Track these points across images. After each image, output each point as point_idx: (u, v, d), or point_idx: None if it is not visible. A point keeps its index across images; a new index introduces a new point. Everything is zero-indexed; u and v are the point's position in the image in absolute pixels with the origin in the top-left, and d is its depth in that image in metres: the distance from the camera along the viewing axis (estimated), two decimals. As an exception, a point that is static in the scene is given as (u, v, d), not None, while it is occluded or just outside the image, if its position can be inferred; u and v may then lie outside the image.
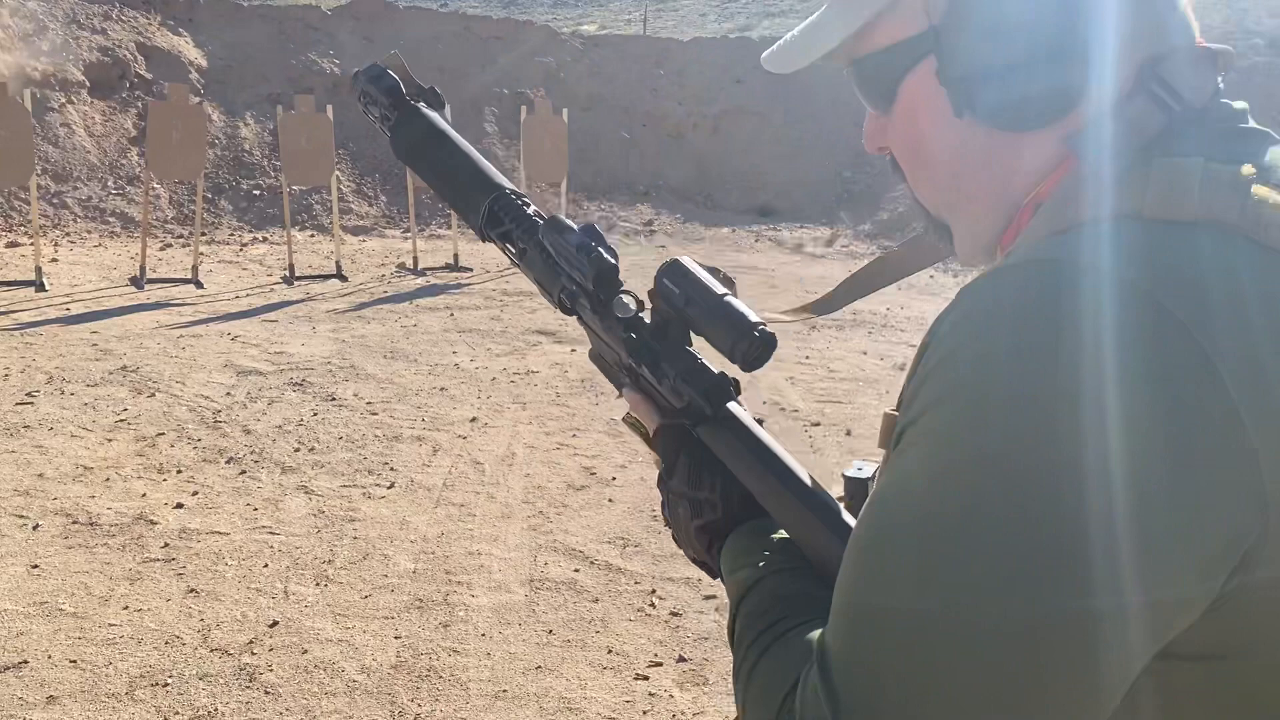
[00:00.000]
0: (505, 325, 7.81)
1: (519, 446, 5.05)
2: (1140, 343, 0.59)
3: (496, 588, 3.56)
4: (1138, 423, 0.57)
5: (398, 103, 1.19)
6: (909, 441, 0.65)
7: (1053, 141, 0.74)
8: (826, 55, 0.83)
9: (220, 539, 3.89)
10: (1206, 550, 0.59)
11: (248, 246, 11.45)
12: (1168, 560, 0.58)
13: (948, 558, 0.60)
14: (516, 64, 15.25)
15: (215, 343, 6.94)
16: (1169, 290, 0.60)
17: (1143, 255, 0.62)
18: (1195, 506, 0.58)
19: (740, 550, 0.87)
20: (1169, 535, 0.58)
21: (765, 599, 0.80)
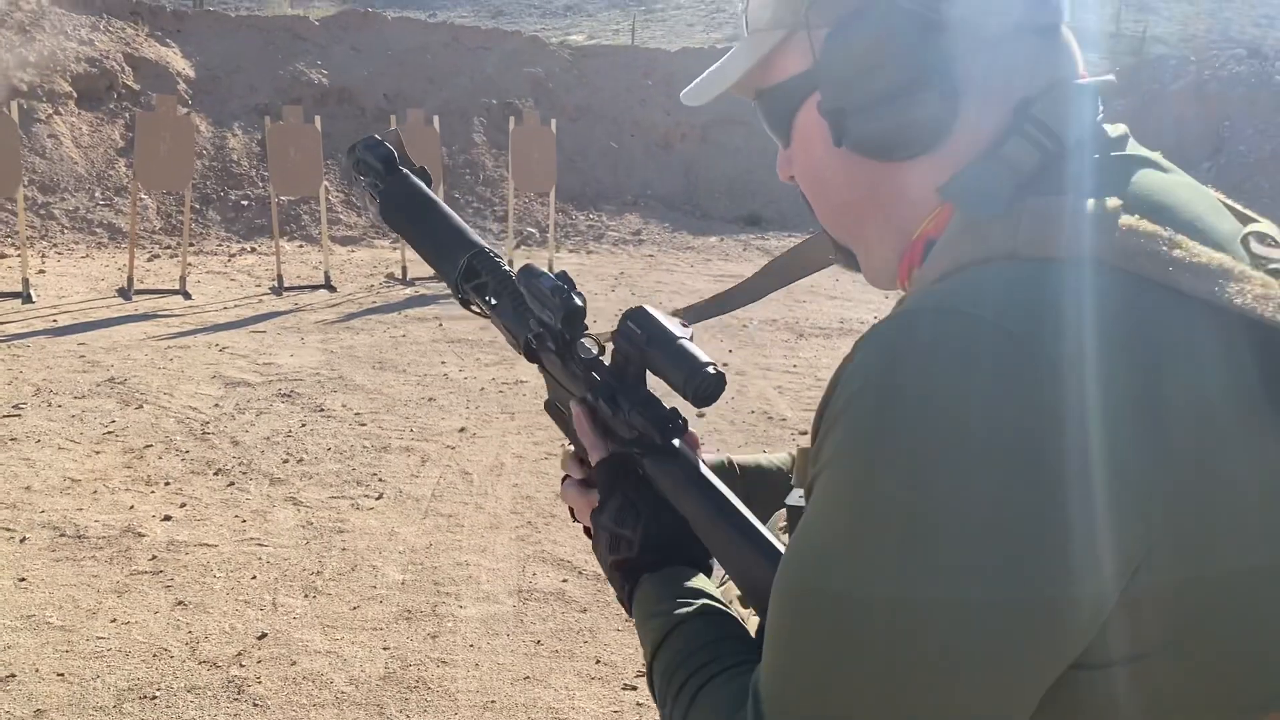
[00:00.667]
0: (494, 335, 7.79)
1: (507, 456, 5.06)
2: (1008, 382, 0.62)
3: (485, 598, 3.57)
4: (1009, 454, 0.61)
5: (389, 169, 1.26)
6: (819, 491, 0.68)
7: (932, 178, 0.78)
8: (734, 88, 0.89)
9: (208, 551, 3.89)
10: (1093, 553, 0.61)
11: (236, 257, 11.44)
12: (1056, 565, 0.61)
13: (859, 624, 0.64)
14: (504, 74, 15.29)
15: (203, 354, 6.93)
16: (1027, 323, 0.63)
17: (1012, 298, 0.65)
18: (1069, 512, 0.61)
19: (652, 598, 0.89)
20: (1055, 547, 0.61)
21: (684, 647, 0.82)
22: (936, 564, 0.61)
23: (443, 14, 35.17)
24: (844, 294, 10.02)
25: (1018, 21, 0.77)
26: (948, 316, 0.65)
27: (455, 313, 8.67)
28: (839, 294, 10.03)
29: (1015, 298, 0.65)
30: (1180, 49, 20.26)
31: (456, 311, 8.71)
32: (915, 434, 0.62)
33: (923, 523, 0.62)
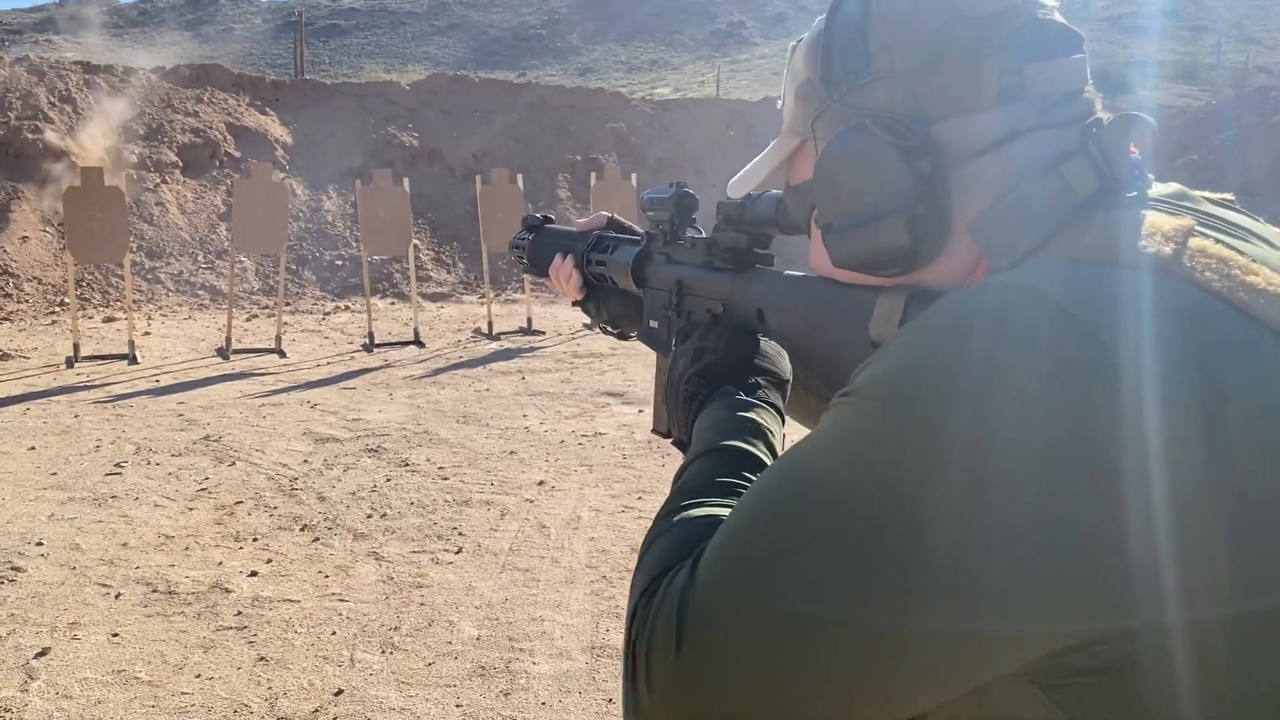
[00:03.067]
0: (575, 387, 7.89)
1: (584, 510, 5.07)
2: (1065, 365, 0.60)
3: (558, 655, 3.57)
4: (1056, 433, 0.59)
5: (531, 228, 1.53)
6: (836, 410, 0.69)
7: (960, 249, 0.78)
8: (764, 185, 0.94)
9: (291, 606, 3.97)
10: (1148, 570, 0.58)
11: (330, 315, 11.79)
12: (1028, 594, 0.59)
13: (817, 536, 0.64)
14: (588, 130, 15.56)
15: (295, 411, 7.13)
16: (1090, 311, 0.61)
17: (1076, 286, 0.64)
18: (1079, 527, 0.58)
19: (714, 420, 0.93)
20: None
21: (707, 472, 0.85)
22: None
23: (531, 74, 36.08)
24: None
25: (1018, 128, 0.76)
26: (1014, 289, 0.65)
27: (537, 366, 8.78)
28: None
29: (1079, 286, 0.64)
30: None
31: (539, 365, 8.82)
32: (952, 385, 0.62)
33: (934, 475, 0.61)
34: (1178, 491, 0.57)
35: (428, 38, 49.82)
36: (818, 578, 0.64)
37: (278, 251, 9.89)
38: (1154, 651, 0.59)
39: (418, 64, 39.93)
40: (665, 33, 47.51)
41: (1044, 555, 0.58)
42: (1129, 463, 0.57)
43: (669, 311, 1.17)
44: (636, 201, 10.96)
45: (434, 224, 14.05)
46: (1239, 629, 0.58)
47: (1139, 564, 0.57)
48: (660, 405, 1.19)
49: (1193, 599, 0.57)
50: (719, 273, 1.08)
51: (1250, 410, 0.59)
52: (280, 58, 40.31)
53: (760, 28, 47.37)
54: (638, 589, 0.75)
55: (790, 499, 0.67)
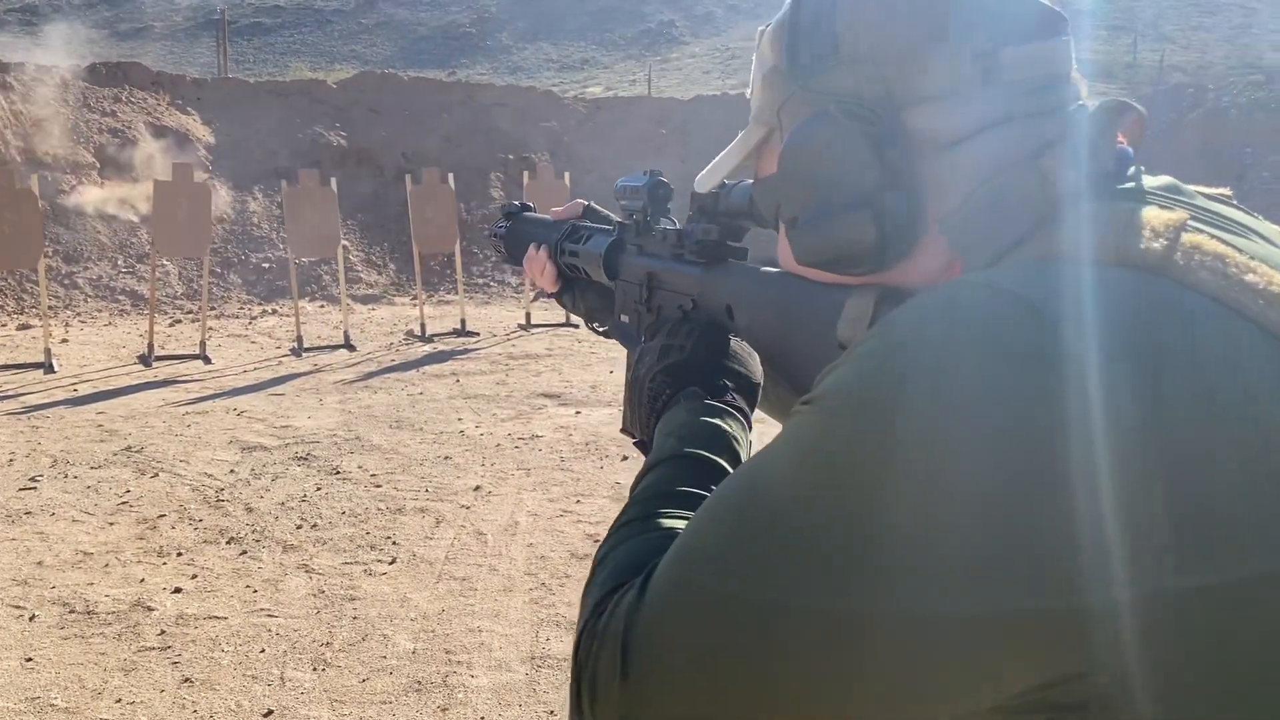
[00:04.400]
0: (510, 389, 7.78)
1: (522, 515, 4.98)
2: (1024, 359, 0.56)
3: (497, 666, 3.48)
4: (1008, 429, 0.56)
5: (509, 215, 1.49)
6: (796, 420, 0.64)
7: (932, 250, 0.72)
8: (732, 176, 0.89)
9: (218, 624, 3.82)
10: (1099, 558, 0.54)
11: (257, 319, 11.51)
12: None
13: (769, 555, 0.60)
14: (520, 129, 15.41)
15: (221, 419, 6.92)
16: (1052, 303, 0.58)
17: (1040, 280, 0.59)
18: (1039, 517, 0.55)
19: (676, 424, 0.88)
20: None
21: (665, 480, 0.81)
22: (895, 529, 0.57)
23: (461, 72, 35.73)
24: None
25: (994, 117, 0.71)
26: (974, 288, 0.60)
27: (472, 368, 8.64)
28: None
29: (1048, 284, 0.59)
30: (1198, 76, 20.17)
31: (473, 367, 8.69)
32: (903, 395, 0.58)
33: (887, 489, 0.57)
34: (1121, 476, 0.54)
35: (355, 36, 49.07)
36: (769, 602, 0.60)
37: (201, 255, 9.62)
38: (1121, 691, 0.55)
39: (345, 62, 39.33)
40: (596, 32, 47.38)
41: (994, 544, 0.54)
42: (1075, 450, 0.54)
43: (639, 306, 1.12)
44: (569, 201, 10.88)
45: (363, 225, 13.80)
46: (1186, 608, 0.55)
47: (1086, 544, 0.54)
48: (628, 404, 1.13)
49: (1138, 575, 0.54)
50: (690, 266, 1.03)
51: (1233, 422, 0.55)
52: (202, 56, 39.41)
53: (690, 27, 47.44)
54: (587, 608, 0.71)
55: (743, 517, 0.63)
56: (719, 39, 43.05)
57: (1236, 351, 0.57)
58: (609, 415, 6.88)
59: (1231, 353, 0.56)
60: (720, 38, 43.25)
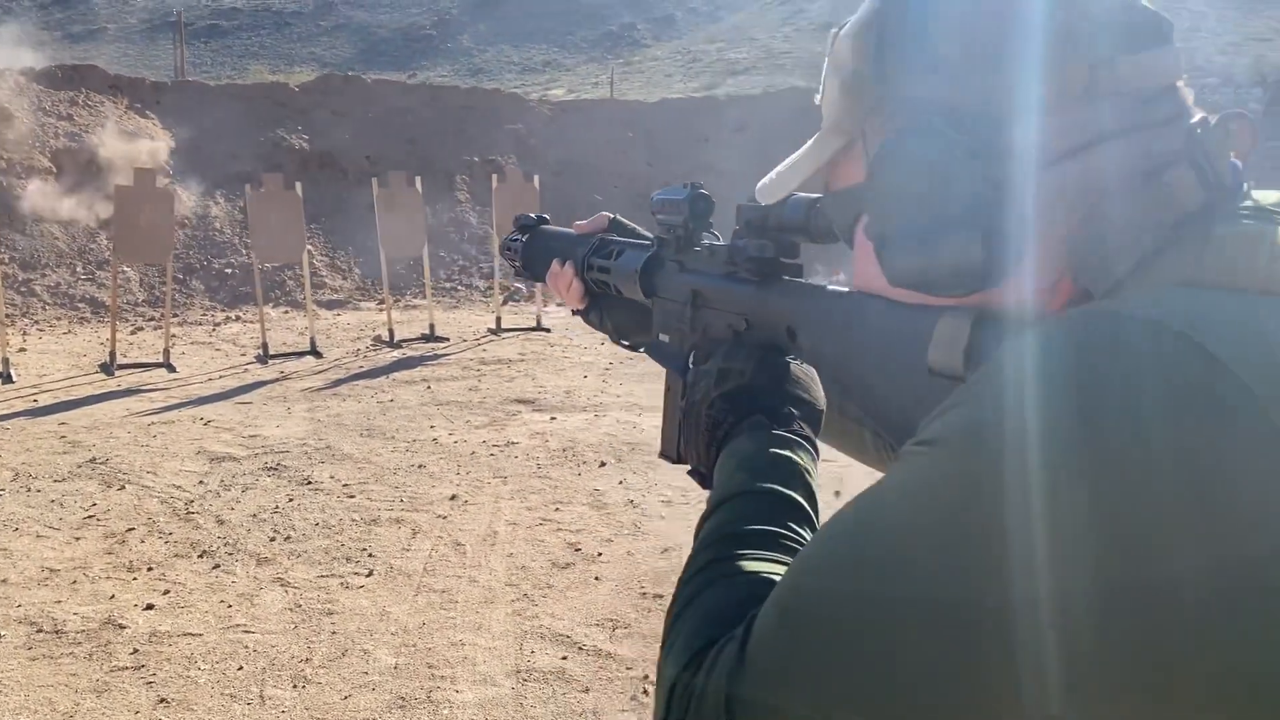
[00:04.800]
0: (483, 395, 7.70)
1: (501, 524, 4.92)
2: (1195, 403, 0.52)
3: (481, 681, 3.42)
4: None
5: (524, 228, 1.43)
6: (905, 456, 0.60)
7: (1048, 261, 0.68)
8: (802, 188, 0.83)
9: (192, 641, 3.73)
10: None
11: (220, 326, 11.33)
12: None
13: (890, 617, 0.56)
14: (486, 132, 15.30)
15: (188, 429, 6.79)
16: (1222, 345, 0.53)
17: (1200, 313, 0.55)
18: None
19: (744, 455, 0.82)
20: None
21: (742, 518, 0.76)
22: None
23: (422, 75, 35.51)
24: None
25: (1107, 130, 0.66)
26: (1129, 321, 0.55)
27: (443, 374, 8.55)
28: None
29: (1208, 316, 0.55)
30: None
31: (444, 373, 8.60)
32: (1075, 430, 0.53)
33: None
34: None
35: (314, 38, 48.62)
36: (895, 672, 0.54)
37: (164, 261, 9.45)
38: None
39: (304, 65, 38.96)
40: (557, 34, 47.29)
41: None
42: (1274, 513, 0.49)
43: (683, 325, 1.07)
44: (540, 203, 10.81)
45: (327, 229, 13.63)
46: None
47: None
48: (670, 428, 1.08)
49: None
50: (742, 284, 0.97)
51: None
52: (158, 59, 38.88)
53: (651, 29, 47.47)
54: (677, 659, 0.66)
55: (859, 571, 0.58)
56: (680, 42, 43.12)
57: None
58: (585, 421, 6.83)
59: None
60: (681, 40, 43.32)
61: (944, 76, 0.68)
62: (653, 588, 4.12)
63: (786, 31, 40.22)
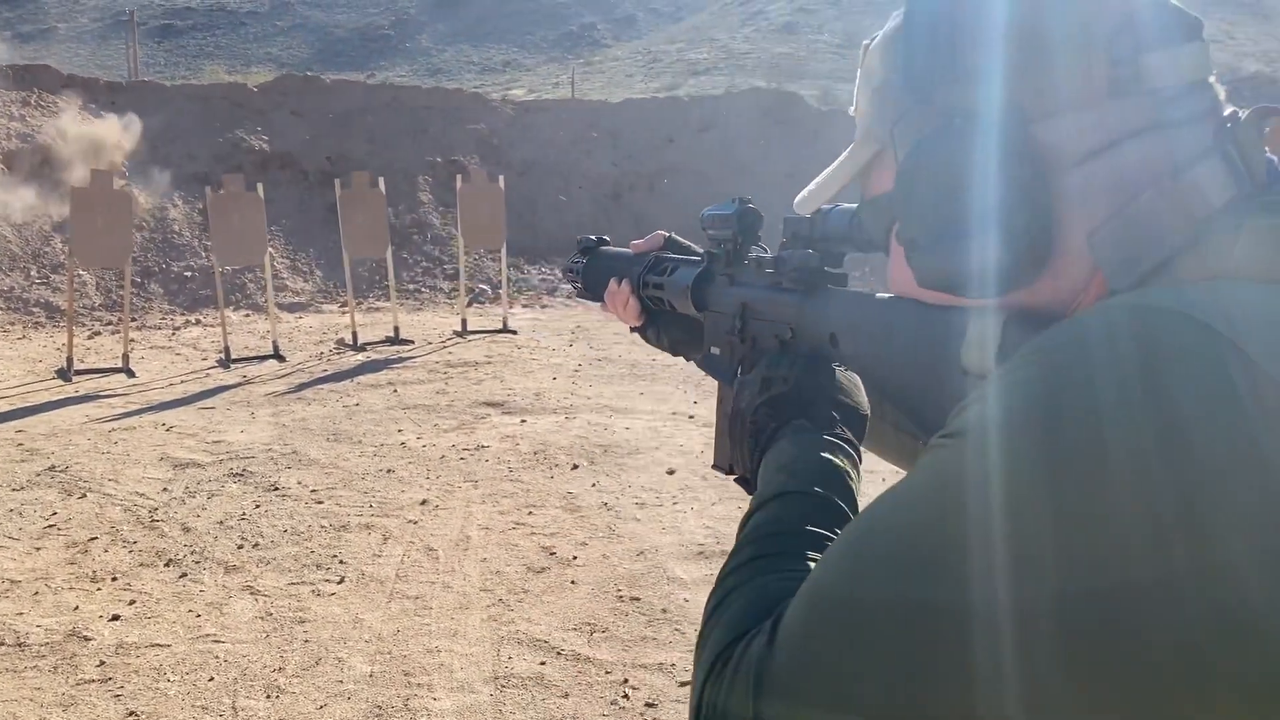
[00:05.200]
0: (451, 398, 7.63)
1: (473, 529, 4.87)
2: (1230, 404, 0.51)
3: (459, 688, 3.37)
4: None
5: (585, 250, 1.45)
6: (932, 448, 0.61)
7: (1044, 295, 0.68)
8: (838, 197, 0.85)
9: (161, 652, 3.65)
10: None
11: (180, 330, 11.16)
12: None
13: (915, 603, 0.56)
14: (448, 132, 15.20)
15: (149, 435, 6.67)
16: (1259, 342, 0.52)
17: (1237, 309, 0.54)
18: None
19: (786, 459, 0.84)
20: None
21: (780, 519, 0.77)
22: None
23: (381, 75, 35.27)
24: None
25: (1134, 127, 0.66)
26: (1156, 312, 0.55)
27: (409, 377, 8.47)
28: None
29: (1243, 310, 0.54)
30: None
31: (410, 376, 8.52)
32: (1097, 415, 0.52)
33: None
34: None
35: (270, 38, 48.11)
36: (921, 657, 0.55)
37: (122, 264, 9.27)
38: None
39: (261, 65, 38.56)
40: (517, 34, 47.13)
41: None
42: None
43: (732, 337, 1.08)
44: (505, 204, 10.74)
45: (288, 231, 13.47)
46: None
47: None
48: (722, 440, 1.10)
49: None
50: (787, 294, 0.99)
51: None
52: (110, 59, 38.30)
53: (612, 30, 47.45)
54: (710, 654, 0.68)
55: (885, 556, 0.58)
56: (641, 42, 43.16)
57: None
58: (556, 423, 6.79)
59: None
60: (642, 41, 43.37)
61: (969, 82, 0.69)
62: (629, 590, 4.10)
63: (747, 32, 40.40)
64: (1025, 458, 0.53)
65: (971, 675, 0.53)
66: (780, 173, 14.40)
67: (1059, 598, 0.51)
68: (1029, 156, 0.66)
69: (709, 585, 0.79)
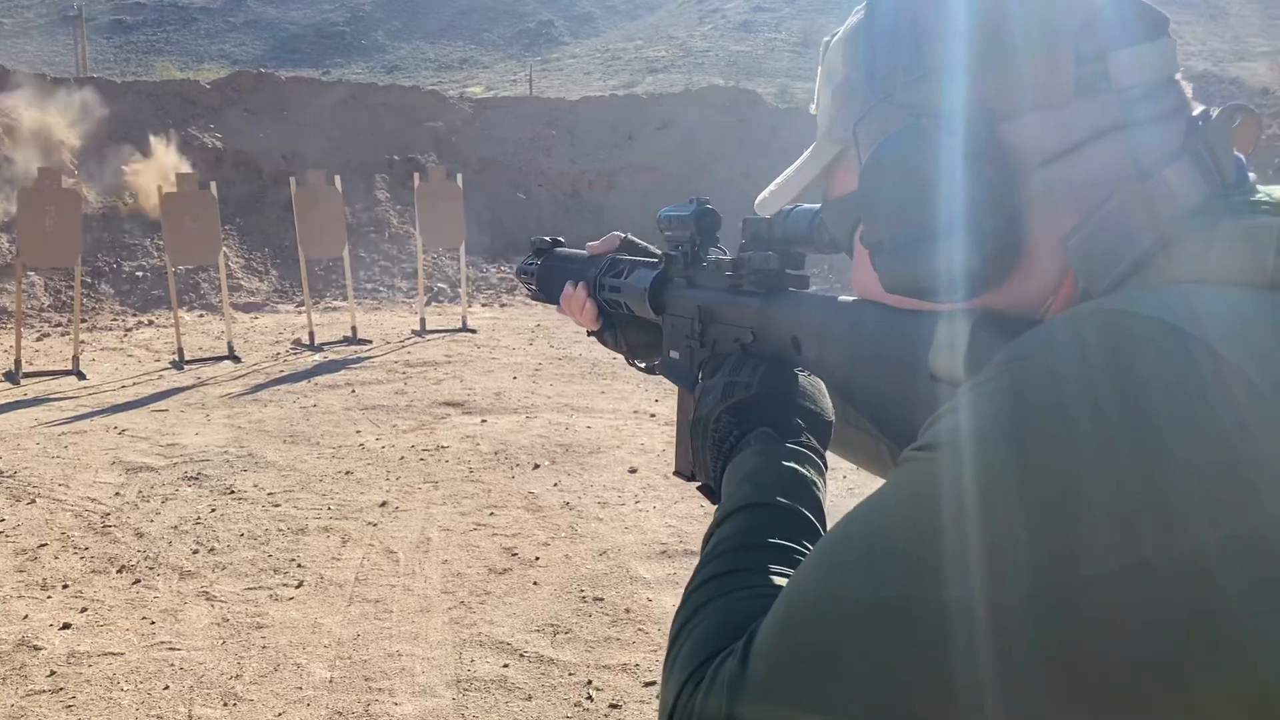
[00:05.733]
0: (410, 399, 7.56)
1: (434, 530, 4.82)
2: (1209, 408, 0.50)
3: (421, 692, 3.34)
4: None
5: (539, 251, 1.41)
6: (905, 462, 0.60)
7: (1014, 296, 0.67)
8: (800, 198, 0.82)
9: (114, 660, 3.58)
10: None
11: (133, 331, 10.97)
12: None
13: (893, 624, 0.55)
14: (405, 130, 15.07)
15: (101, 438, 6.54)
16: (1236, 348, 0.52)
17: (1212, 312, 0.53)
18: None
19: (750, 469, 0.81)
20: None
21: (746, 531, 0.75)
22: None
23: (337, 72, 34.91)
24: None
25: (1103, 126, 0.65)
26: (1129, 318, 0.54)
27: (368, 378, 8.39)
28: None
29: (1218, 314, 0.53)
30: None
31: (369, 376, 8.43)
32: (1073, 426, 0.52)
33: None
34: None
35: (223, 35, 47.50)
36: (899, 661, 0.54)
37: (71, 264, 9.10)
38: None
39: (214, 62, 38.05)
40: (474, 31, 46.90)
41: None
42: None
43: (692, 341, 1.06)
44: (464, 202, 10.66)
45: (242, 230, 13.30)
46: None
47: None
48: (683, 444, 1.08)
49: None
50: (748, 297, 0.96)
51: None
52: (57, 55, 37.62)
53: (569, 27, 47.34)
54: (679, 675, 0.65)
55: (860, 565, 0.57)
56: (599, 40, 43.09)
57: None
58: (516, 423, 6.74)
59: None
60: (600, 38, 43.29)
61: (933, 80, 0.67)
62: (592, 591, 4.07)
63: (705, 30, 40.47)
64: (998, 466, 0.53)
65: (950, 676, 0.52)
66: (738, 171, 14.44)
67: (1033, 591, 0.50)
68: (996, 157, 0.64)
69: (672, 584, 0.78)
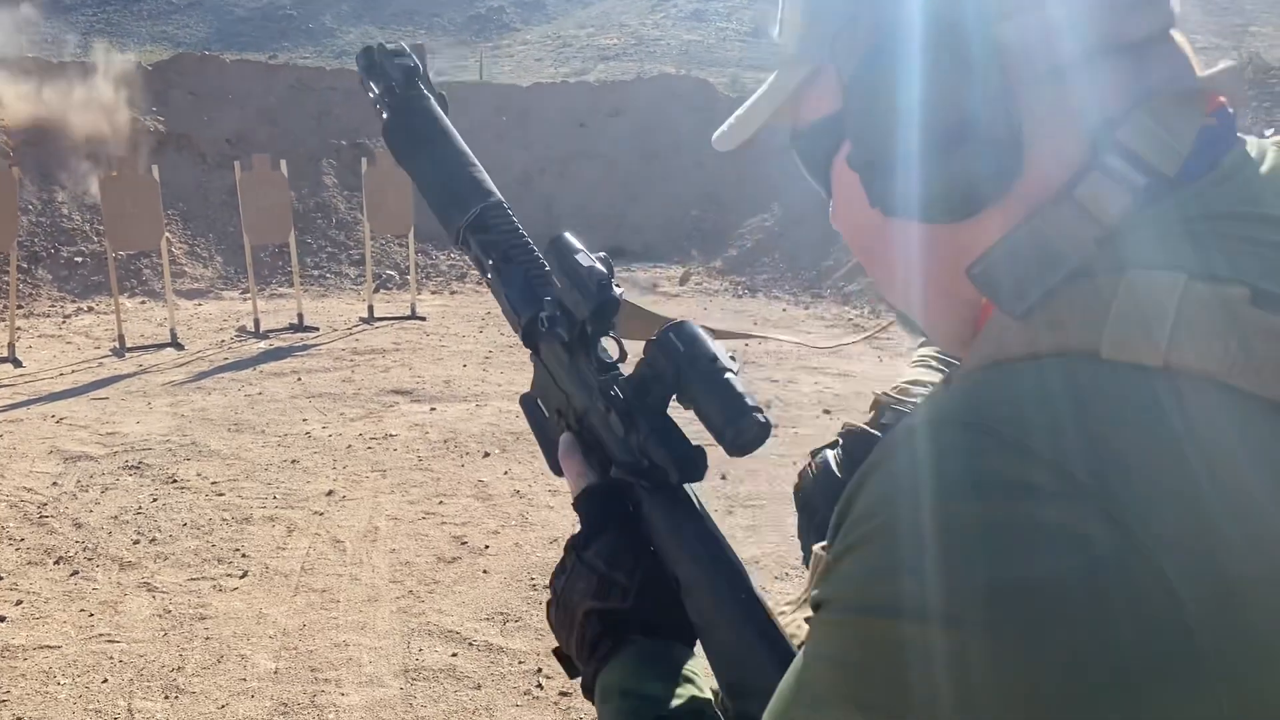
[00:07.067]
0: (358, 387, 7.47)
1: (382, 519, 4.76)
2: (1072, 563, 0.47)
3: (368, 682, 3.29)
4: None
5: (409, 84, 1.11)
6: (813, 623, 0.56)
7: (998, 225, 0.61)
8: (763, 129, 0.73)
9: (50, 654, 3.49)
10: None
11: (72, 318, 10.71)
12: None
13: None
14: (352, 114, 14.85)
15: (38, 427, 6.38)
16: (1091, 465, 0.48)
17: (1072, 422, 0.50)
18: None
19: (631, 671, 0.76)
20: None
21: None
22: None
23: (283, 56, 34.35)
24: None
25: (1095, 44, 0.59)
26: (977, 436, 0.51)
27: (314, 365, 8.27)
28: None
29: (1077, 423, 0.49)
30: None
31: (315, 364, 8.31)
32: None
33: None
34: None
35: (165, 16, 46.49)
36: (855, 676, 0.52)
37: (7, 249, 8.85)
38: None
39: (155, 44, 37.24)
40: (423, 15, 46.35)
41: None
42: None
43: (563, 419, 0.93)
44: (413, 188, 10.52)
45: (185, 215, 13.03)
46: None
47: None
48: (549, 451, 0.94)
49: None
50: (630, 436, 0.86)
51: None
52: (-6, 34, 36.57)
53: (520, 13, 46.94)
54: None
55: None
56: (551, 26, 42.81)
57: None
58: (466, 411, 6.68)
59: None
60: (552, 25, 43.02)
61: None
62: (542, 579, 4.05)
63: (656, 19, 40.37)
64: (870, 633, 0.52)
65: (906, 685, 0.50)
66: (690, 160, 14.43)
67: (988, 592, 0.48)
68: (996, 63, 0.58)
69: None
